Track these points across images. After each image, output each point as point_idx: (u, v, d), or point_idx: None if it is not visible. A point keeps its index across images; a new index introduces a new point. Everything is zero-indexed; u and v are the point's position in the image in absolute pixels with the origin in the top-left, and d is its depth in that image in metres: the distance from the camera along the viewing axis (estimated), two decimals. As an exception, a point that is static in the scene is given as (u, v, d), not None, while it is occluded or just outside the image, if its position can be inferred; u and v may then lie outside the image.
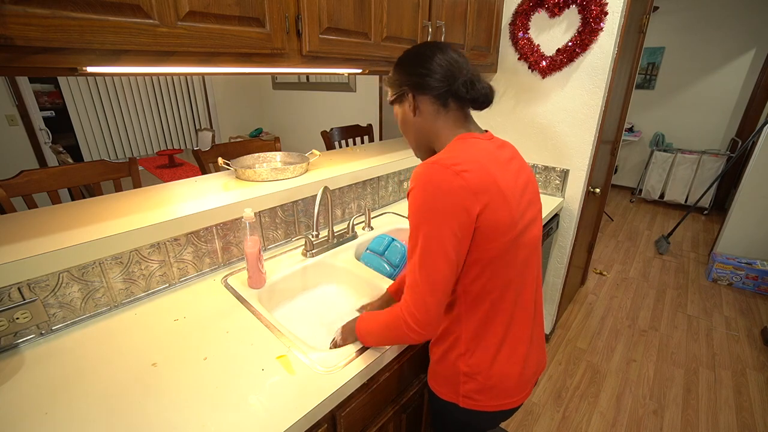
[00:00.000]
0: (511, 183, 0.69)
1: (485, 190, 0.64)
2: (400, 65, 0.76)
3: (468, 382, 0.76)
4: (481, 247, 0.66)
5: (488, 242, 0.66)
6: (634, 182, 4.70)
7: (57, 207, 1.06)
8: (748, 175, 2.64)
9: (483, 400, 0.76)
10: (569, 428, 1.65)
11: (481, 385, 0.75)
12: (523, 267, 0.74)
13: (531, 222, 0.74)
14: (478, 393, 0.76)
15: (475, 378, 0.75)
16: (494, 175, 0.66)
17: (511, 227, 0.67)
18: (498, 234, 0.66)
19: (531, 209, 0.74)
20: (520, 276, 0.74)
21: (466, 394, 0.76)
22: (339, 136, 2.32)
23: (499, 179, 0.66)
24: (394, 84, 0.77)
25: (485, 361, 0.74)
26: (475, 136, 0.72)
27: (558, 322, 2.29)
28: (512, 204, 0.67)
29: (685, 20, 3.99)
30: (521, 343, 0.77)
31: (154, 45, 0.70)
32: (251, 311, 0.94)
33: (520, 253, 0.71)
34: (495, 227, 0.65)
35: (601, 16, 1.53)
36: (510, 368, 0.76)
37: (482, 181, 0.64)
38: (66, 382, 0.72)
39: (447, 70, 0.71)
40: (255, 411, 0.66)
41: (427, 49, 0.73)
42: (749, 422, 1.67)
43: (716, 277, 2.76)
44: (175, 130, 4.14)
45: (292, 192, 1.26)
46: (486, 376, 0.75)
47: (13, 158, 3.14)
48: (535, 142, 1.87)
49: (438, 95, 0.72)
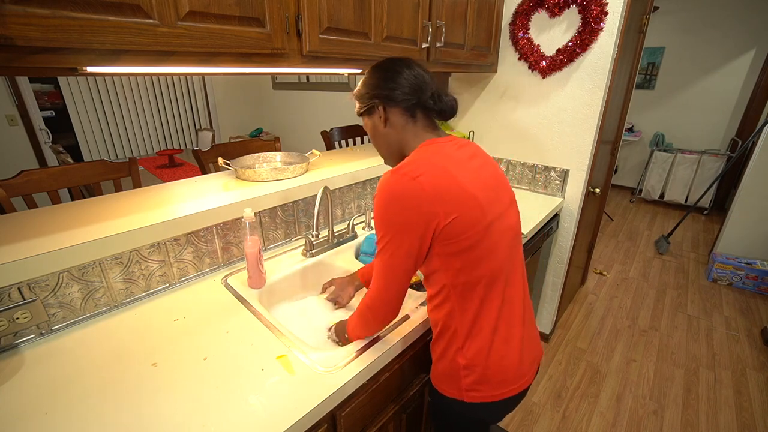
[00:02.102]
0: (473, 178, 0.72)
1: (445, 191, 0.68)
2: (370, 80, 0.79)
3: (469, 375, 0.77)
4: (453, 240, 0.69)
5: (458, 235, 0.69)
6: (634, 182, 4.70)
7: (57, 207, 1.06)
8: (748, 175, 2.64)
9: (485, 391, 0.78)
10: (569, 428, 1.65)
11: (482, 376, 0.77)
12: (507, 254, 0.76)
13: (505, 210, 0.77)
14: (480, 384, 0.77)
15: (474, 370, 0.76)
16: (453, 174, 0.70)
17: (480, 218, 0.70)
18: (466, 226, 0.69)
19: (501, 198, 0.78)
20: (507, 263, 0.76)
21: (469, 388, 0.78)
22: (339, 136, 2.32)
23: (459, 176, 0.70)
24: (363, 97, 0.81)
25: (482, 351, 0.76)
26: (437, 141, 0.77)
27: (558, 322, 2.29)
28: (477, 197, 0.71)
29: (685, 20, 3.99)
30: (514, 328, 0.79)
31: (154, 45, 0.70)
32: (251, 311, 0.94)
33: (500, 241, 0.74)
34: (461, 221, 0.68)
35: (601, 16, 1.53)
36: (507, 353, 0.77)
37: (441, 182, 0.68)
38: (66, 382, 0.72)
39: (414, 84, 0.76)
40: (255, 411, 0.66)
41: (395, 64, 0.78)
42: (749, 422, 1.67)
43: (716, 277, 2.76)
44: (175, 130, 4.14)
45: (292, 192, 1.26)
46: (485, 366, 0.76)
47: (13, 158, 3.14)
48: (535, 142, 1.86)
49: (407, 107, 0.77)
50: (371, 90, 0.79)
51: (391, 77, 0.76)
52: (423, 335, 0.95)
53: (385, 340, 0.85)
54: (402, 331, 0.88)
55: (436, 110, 0.78)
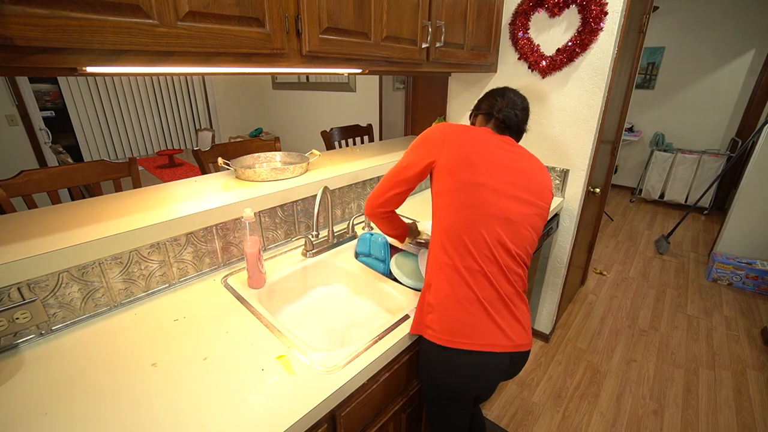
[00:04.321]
0: (487, 157, 0.89)
1: (455, 146, 0.90)
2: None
3: (430, 313, 0.86)
4: (441, 180, 0.90)
5: (443, 175, 0.89)
6: (634, 182, 4.70)
7: (57, 207, 1.06)
8: (748, 175, 2.64)
9: (443, 333, 0.84)
10: (569, 428, 1.65)
11: (440, 316, 0.85)
12: (495, 228, 0.85)
13: (516, 200, 0.89)
14: (437, 323, 0.85)
15: (435, 309, 0.85)
16: (471, 145, 0.90)
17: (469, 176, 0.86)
18: (451, 172, 0.88)
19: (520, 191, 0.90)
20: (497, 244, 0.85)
21: (428, 325, 0.86)
22: (339, 136, 2.32)
23: (473, 149, 0.90)
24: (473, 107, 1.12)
25: (444, 293, 0.85)
26: (490, 132, 0.98)
27: (558, 322, 2.29)
28: (477, 165, 0.87)
29: (685, 20, 3.99)
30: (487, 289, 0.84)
31: (154, 45, 0.70)
32: (251, 311, 0.94)
33: (486, 203, 0.85)
34: (448, 166, 0.89)
35: (601, 16, 1.53)
36: (473, 308, 0.83)
37: (458, 141, 0.90)
38: (66, 382, 0.72)
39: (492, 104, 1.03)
40: (255, 411, 0.66)
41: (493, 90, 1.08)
42: (749, 422, 1.67)
43: (716, 277, 2.76)
44: (175, 130, 4.14)
45: (292, 192, 1.26)
46: (443, 308, 0.84)
47: (13, 158, 3.14)
48: (534, 142, 1.86)
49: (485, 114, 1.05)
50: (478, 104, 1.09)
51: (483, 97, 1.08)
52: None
53: (385, 340, 0.85)
54: (402, 331, 0.88)
55: (498, 120, 1.01)
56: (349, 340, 1.02)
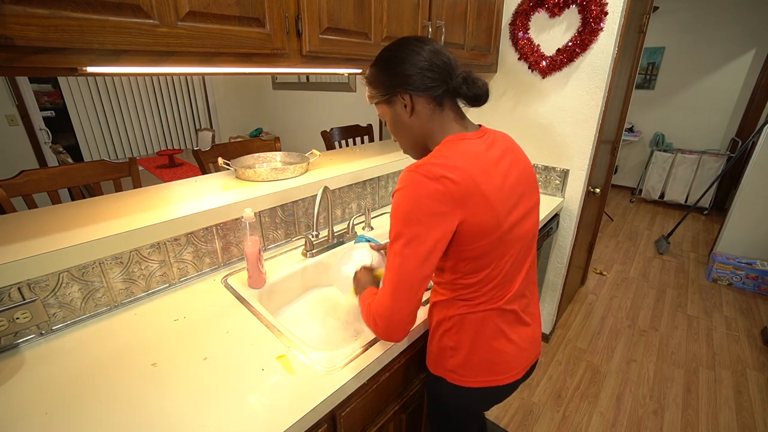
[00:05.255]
0: (497, 184, 0.68)
1: (467, 196, 0.64)
2: (389, 63, 0.71)
3: (453, 357, 0.79)
4: (466, 247, 0.68)
5: (472, 243, 0.68)
6: (634, 182, 4.70)
7: (57, 207, 1.06)
8: (748, 175, 2.64)
9: (468, 376, 0.79)
10: (569, 428, 1.65)
11: (465, 360, 0.78)
12: (516, 258, 0.76)
13: (523, 217, 0.75)
14: (462, 368, 0.78)
15: (458, 353, 0.78)
16: (477, 179, 0.65)
17: (495, 228, 0.68)
18: (481, 236, 0.67)
19: (522, 204, 0.74)
20: (511, 265, 0.75)
21: (452, 369, 0.79)
22: (339, 136, 2.32)
23: (482, 183, 0.66)
24: (382, 84, 0.72)
25: (468, 336, 0.77)
26: (465, 137, 0.70)
27: (558, 322, 2.29)
28: (497, 206, 0.67)
29: (685, 20, 3.99)
30: (508, 325, 0.79)
31: (154, 45, 0.70)
32: (251, 311, 0.94)
33: (512, 246, 0.73)
34: (477, 231, 0.66)
35: (601, 16, 1.53)
36: (496, 345, 0.78)
37: (464, 187, 0.64)
38: (66, 382, 0.72)
39: (442, 68, 0.69)
40: (255, 411, 0.66)
41: (416, 45, 0.69)
42: (749, 422, 1.67)
43: (716, 277, 2.76)
44: (175, 130, 4.14)
45: (292, 192, 1.26)
46: (469, 351, 0.77)
47: (13, 158, 3.14)
48: (535, 142, 1.86)
49: (436, 95, 0.70)
50: (391, 76, 0.70)
51: (416, 60, 0.68)
52: (423, 335, 0.95)
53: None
54: (402, 331, 0.88)
55: (469, 96, 0.70)
56: (349, 340, 1.02)
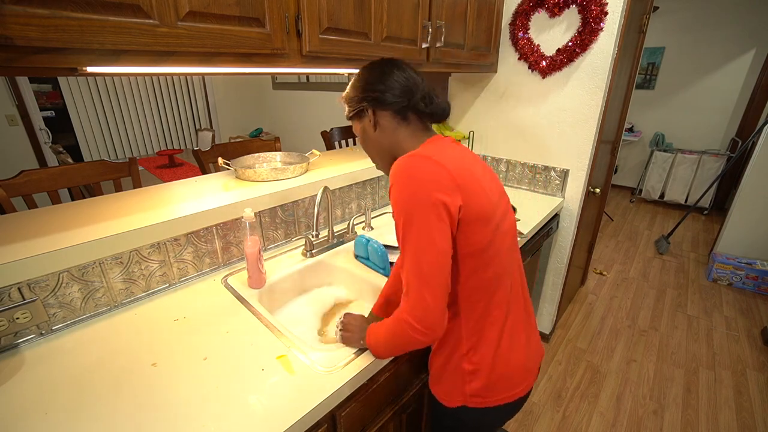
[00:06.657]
0: (483, 175, 0.73)
1: (465, 181, 0.66)
2: (359, 82, 0.78)
3: (473, 381, 0.75)
4: (470, 239, 0.67)
5: (475, 232, 0.67)
6: (634, 182, 4.70)
7: (57, 207, 1.06)
8: (748, 175, 2.64)
9: (490, 396, 0.76)
10: (569, 428, 1.65)
11: (487, 380, 0.75)
12: (509, 255, 0.76)
13: (506, 211, 0.77)
14: (485, 389, 0.76)
15: (479, 375, 0.75)
16: (469, 167, 0.69)
17: (491, 216, 0.69)
18: (482, 223, 0.68)
19: (502, 200, 0.77)
20: (509, 265, 0.76)
21: (474, 393, 0.76)
22: (339, 136, 2.32)
23: (474, 170, 0.70)
24: (352, 101, 0.79)
25: (488, 355, 0.74)
26: (441, 138, 0.76)
27: (558, 322, 2.29)
28: (488, 193, 0.70)
29: (685, 20, 3.99)
30: (518, 332, 0.78)
31: (154, 45, 0.70)
32: (251, 311, 0.94)
33: (504, 242, 0.74)
34: (478, 216, 0.67)
35: (601, 16, 1.53)
36: (512, 358, 0.77)
37: (461, 172, 0.66)
38: (66, 382, 0.72)
39: (405, 86, 0.74)
40: (255, 411, 0.66)
41: (384, 66, 0.76)
42: (749, 422, 1.67)
43: (716, 277, 2.76)
44: (175, 130, 4.14)
45: (292, 192, 1.26)
46: (490, 371, 0.75)
47: (13, 158, 3.14)
48: (535, 142, 1.86)
49: (398, 110, 0.75)
50: (360, 93, 0.76)
51: (381, 79, 0.74)
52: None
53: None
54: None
55: (428, 113, 0.76)
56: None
